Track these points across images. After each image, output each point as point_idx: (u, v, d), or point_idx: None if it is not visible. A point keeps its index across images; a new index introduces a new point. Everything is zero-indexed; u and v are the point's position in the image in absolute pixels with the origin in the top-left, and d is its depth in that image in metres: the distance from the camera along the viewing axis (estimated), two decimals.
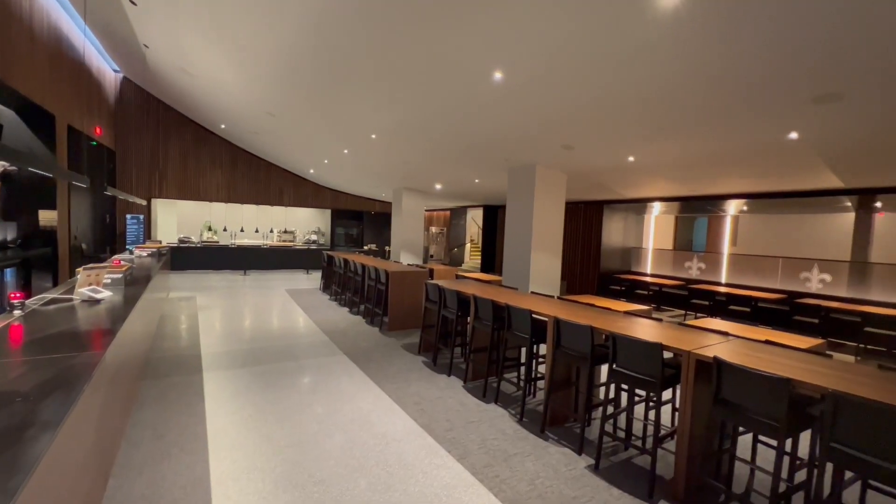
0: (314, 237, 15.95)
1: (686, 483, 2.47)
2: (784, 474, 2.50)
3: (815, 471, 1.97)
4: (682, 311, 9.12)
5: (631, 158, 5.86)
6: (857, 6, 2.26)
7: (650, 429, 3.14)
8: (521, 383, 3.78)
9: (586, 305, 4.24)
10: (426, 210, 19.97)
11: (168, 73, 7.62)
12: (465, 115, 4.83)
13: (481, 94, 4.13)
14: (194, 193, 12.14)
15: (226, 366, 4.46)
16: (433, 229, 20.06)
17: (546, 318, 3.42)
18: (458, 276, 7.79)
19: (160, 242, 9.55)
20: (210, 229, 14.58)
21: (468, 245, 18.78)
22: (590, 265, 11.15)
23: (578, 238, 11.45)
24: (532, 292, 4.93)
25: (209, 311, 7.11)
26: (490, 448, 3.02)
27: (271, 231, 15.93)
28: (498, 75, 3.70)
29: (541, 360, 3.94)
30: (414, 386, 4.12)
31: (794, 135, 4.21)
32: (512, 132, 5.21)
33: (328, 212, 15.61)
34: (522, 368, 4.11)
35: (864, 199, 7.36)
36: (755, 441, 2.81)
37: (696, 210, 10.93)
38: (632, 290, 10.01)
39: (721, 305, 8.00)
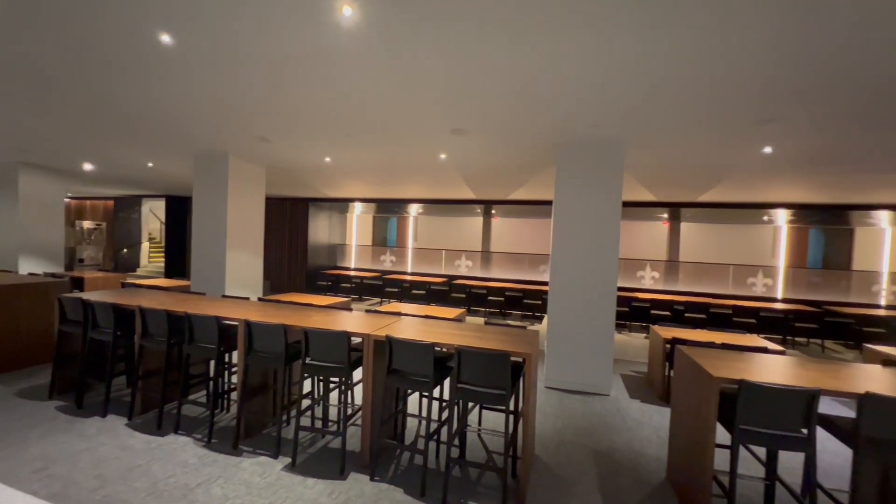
0: None
1: (370, 450, 2.83)
2: (435, 416, 3.25)
3: (451, 407, 2.65)
4: (379, 299, 10.44)
5: (328, 160, 6.17)
6: (473, 71, 3.16)
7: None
8: (212, 400, 3.32)
9: (287, 304, 4.17)
10: (71, 197, 14.64)
11: None
12: (120, 75, 3.74)
13: (142, 53, 3.30)
14: None
15: None
16: (86, 224, 14.89)
17: (237, 323, 3.13)
18: (125, 285, 6.07)
19: None
20: None
21: (146, 244, 15.01)
22: (297, 262, 11.09)
23: (285, 235, 11.17)
24: (224, 296, 4.42)
25: None
26: (164, 490, 2.50)
27: None
28: (166, 38, 3.05)
29: (235, 369, 3.60)
30: (36, 446, 2.92)
31: (443, 156, 5.54)
32: (192, 112, 4.45)
33: None
34: (212, 384, 3.63)
35: (487, 207, 10.57)
36: (421, 397, 3.53)
37: (389, 211, 12.73)
38: (338, 284, 10.64)
39: (407, 291, 9.65)
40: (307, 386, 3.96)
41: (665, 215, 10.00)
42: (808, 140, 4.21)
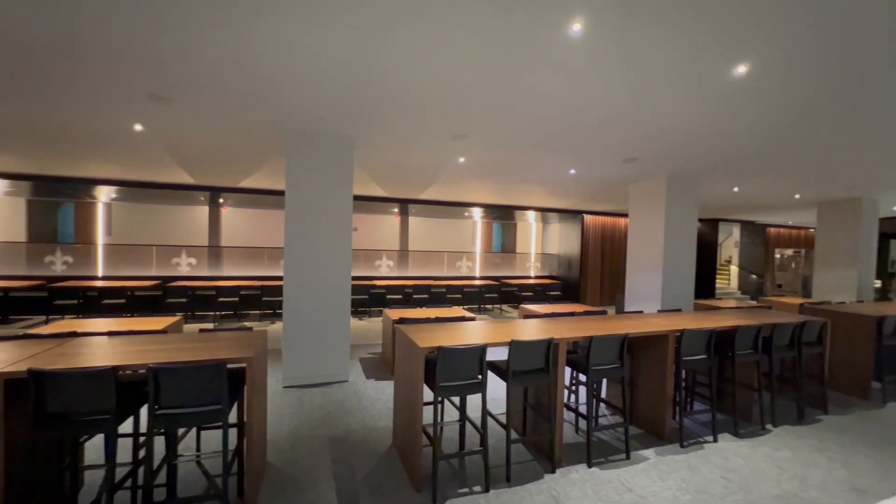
0: None
1: None
2: (130, 458, 2.57)
3: (149, 441, 2.14)
4: (44, 318, 7.47)
5: None
6: (172, 32, 2.57)
7: None
8: None
9: None
10: None
11: None
12: None
13: None
14: None
15: None
16: None
17: None
18: None
19: None
20: None
21: None
22: None
23: None
24: None
25: None
26: None
27: None
28: None
29: None
30: None
31: (139, 127, 4.38)
32: None
33: None
34: None
35: (214, 196, 9.11)
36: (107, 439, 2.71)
37: (59, 194, 9.17)
38: None
39: (93, 302, 7.27)
40: None
41: (396, 210, 11.23)
42: (485, 155, 5.55)
